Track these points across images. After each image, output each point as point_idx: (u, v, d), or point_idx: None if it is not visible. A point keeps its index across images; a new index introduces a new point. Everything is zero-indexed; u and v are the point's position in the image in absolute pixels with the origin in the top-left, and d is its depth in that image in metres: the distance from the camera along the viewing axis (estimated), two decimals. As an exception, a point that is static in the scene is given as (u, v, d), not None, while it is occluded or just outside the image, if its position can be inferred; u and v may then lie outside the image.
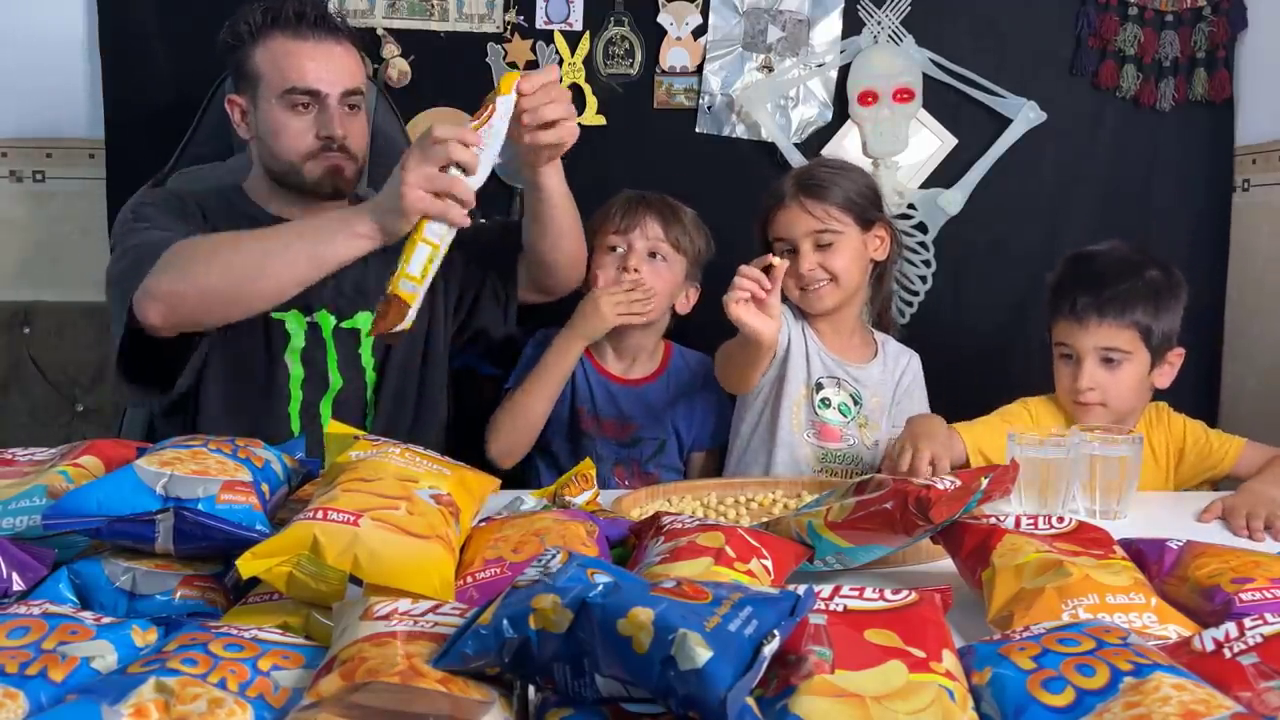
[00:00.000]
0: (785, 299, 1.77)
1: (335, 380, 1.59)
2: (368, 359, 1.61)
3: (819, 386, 1.72)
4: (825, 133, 2.21)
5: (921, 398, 1.80)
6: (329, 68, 1.52)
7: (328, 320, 1.58)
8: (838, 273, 1.69)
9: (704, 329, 1.79)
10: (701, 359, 1.82)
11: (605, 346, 1.81)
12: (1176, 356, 1.61)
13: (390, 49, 2.10)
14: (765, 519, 1.17)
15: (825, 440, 1.72)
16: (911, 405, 1.77)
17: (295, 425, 1.56)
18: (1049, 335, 1.66)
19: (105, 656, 0.73)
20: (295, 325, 1.57)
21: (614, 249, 1.75)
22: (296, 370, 1.57)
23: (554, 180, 1.50)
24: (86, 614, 0.79)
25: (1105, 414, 1.56)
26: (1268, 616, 0.72)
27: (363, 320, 1.60)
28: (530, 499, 1.20)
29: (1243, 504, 1.31)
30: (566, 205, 1.55)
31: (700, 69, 2.18)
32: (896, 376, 1.78)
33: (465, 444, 1.67)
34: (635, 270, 1.72)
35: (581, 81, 2.15)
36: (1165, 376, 1.61)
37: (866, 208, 1.72)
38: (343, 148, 1.54)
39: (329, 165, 1.54)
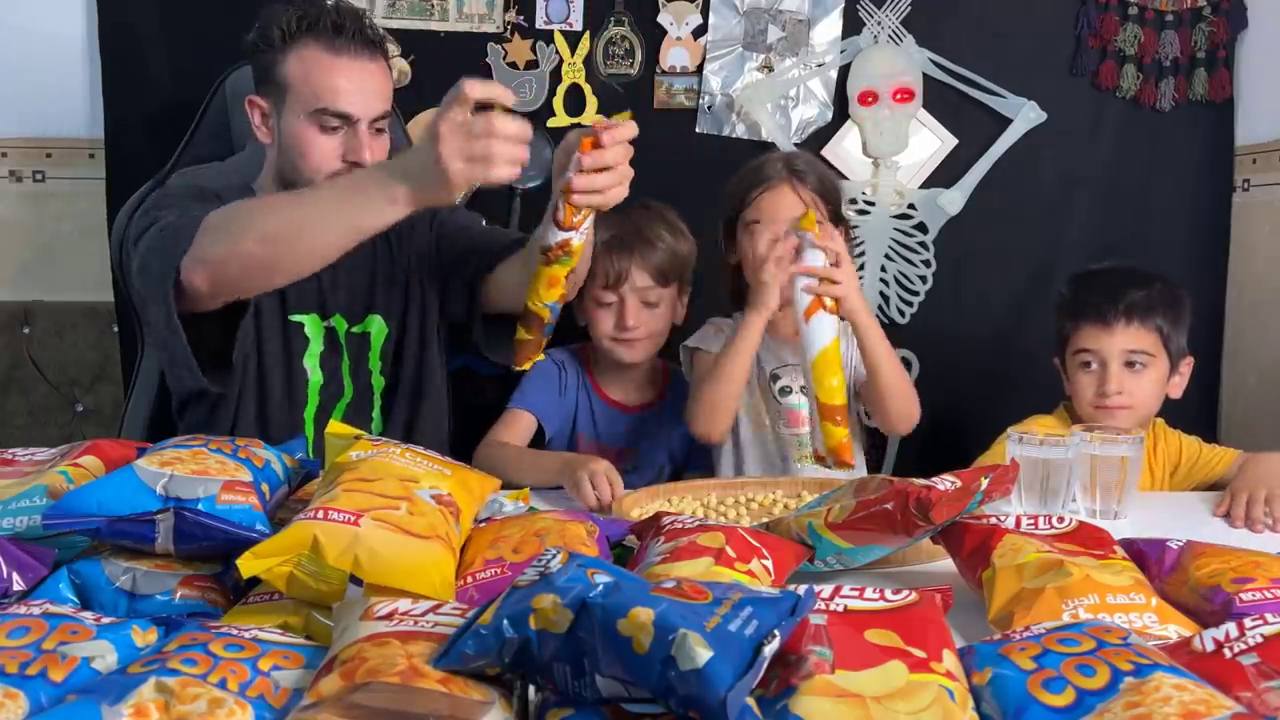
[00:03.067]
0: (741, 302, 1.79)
1: (348, 387, 1.57)
2: (374, 362, 1.60)
3: (774, 378, 1.73)
4: (825, 133, 2.21)
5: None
6: (363, 91, 1.46)
7: (342, 324, 1.57)
8: None
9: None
10: None
11: (608, 373, 1.80)
12: (1187, 366, 1.66)
13: (390, 49, 2.10)
14: (765, 519, 1.17)
15: (795, 426, 1.73)
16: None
17: (310, 430, 1.55)
18: (1061, 351, 1.68)
19: (105, 656, 0.73)
20: (314, 329, 1.55)
21: (607, 304, 1.72)
22: (316, 376, 1.55)
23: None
24: (87, 614, 0.79)
25: (1130, 418, 1.58)
26: (1268, 616, 0.72)
27: (373, 324, 1.58)
28: (509, 503, 1.19)
29: (1243, 485, 1.34)
30: (584, 264, 1.40)
31: (700, 69, 2.18)
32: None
33: (466, 443, 1.66)
34: (635, 326, 1.70)
35: (581, 81, 2.15)
36: (1177, 387, 1.66)
37: (839, 206, 1.75)
38: None
39: None
